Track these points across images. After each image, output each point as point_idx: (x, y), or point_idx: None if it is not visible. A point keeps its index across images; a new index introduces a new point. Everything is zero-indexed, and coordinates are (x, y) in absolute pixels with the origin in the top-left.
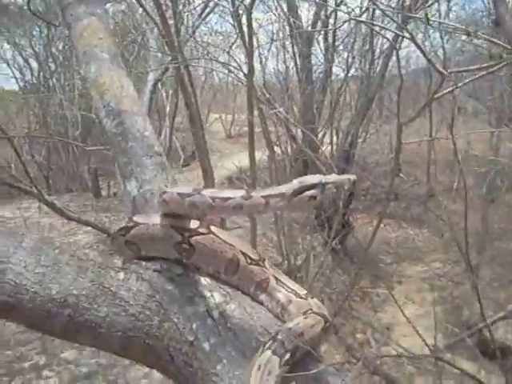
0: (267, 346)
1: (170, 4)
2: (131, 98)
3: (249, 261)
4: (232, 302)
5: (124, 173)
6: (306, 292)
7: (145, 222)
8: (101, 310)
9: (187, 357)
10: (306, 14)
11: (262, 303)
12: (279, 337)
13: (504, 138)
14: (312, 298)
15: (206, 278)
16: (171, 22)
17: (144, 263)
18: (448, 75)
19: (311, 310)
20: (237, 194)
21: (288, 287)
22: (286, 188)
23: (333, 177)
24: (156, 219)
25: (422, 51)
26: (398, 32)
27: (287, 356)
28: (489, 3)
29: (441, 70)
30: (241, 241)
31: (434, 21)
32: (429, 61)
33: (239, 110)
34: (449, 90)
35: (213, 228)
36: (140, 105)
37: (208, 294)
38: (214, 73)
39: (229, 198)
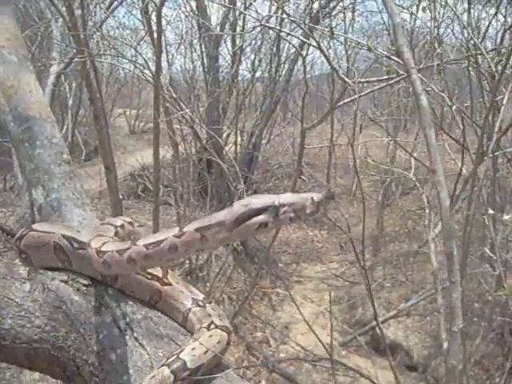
0: (168, 362)
1: None
2: (40, 103)
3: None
4: (138, 312)
5: (30, 180)
6: (203, 297)
7: (41, 230)
8: (5, 323)
9: (94, 367)
10: (216, 13)
11: (163, 312)
12: (181, 356)
13: (399, 146)
14: (210, 302)
15: (113, 288)
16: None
17: (50, 273)
18: (351, 84)
19: (213, 323)
20: (169, 232)
21: (186, 293)
22: (226, 215)
23: (289, 197)
24: (57, 228)
25: (328, 60)
26: (304, 39)
27: (185, 374)
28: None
29: (345, 78)
30: None
31: (339, 34)
32: (334, 69)
33: (144, 105)
34: (350, 99)
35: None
36: (49, 111)
37: (114, 304)
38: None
39: (162, 241)
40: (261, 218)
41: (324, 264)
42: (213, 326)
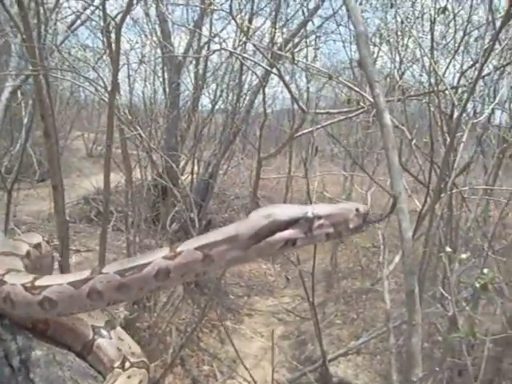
0: None
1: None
2: None
3: None
4: (38, 347)
5: None
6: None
7: None
8: None
9: None
10: (179, 41)
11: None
12: None
13: (355, 182)
14: (113, 328)
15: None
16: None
17: None
18: (308, 112)
19: (126, 359)
20: (156, 254)
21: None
22: (240, 229)
23: (327, 207)
24: None
25: (287, 87)
26: (266, 67)
27: None
28: (352, 55)
29: (302, 107)
30: None
31: (299, 61)
32: (293, 97)
33: (103, 129)
34: (307, 130)
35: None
36: None
37: (9, 337)
38: (81, 89)
39: (145, 265)
40: (288, 233)
41: (276, 298)
42: (128, 364)
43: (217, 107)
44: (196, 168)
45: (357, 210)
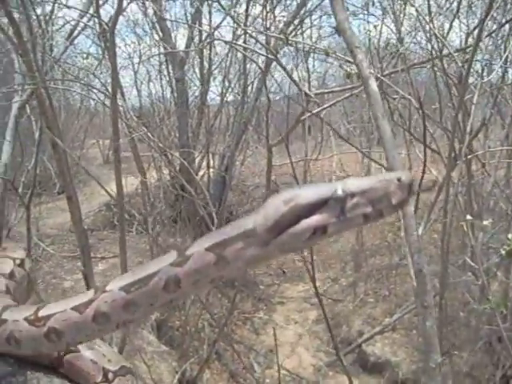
0: None
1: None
2: None
3: None
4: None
5: None
6: (118, 367)
7: None
8: None
9: None
10: (181, 37)
11: None
12: None
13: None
14: (123, 375)
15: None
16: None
17: None
18: (312, 96)
19: (110, 371)
20: (162, 262)
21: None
22: (257, 220)
23: (360, 182)
24: None
25: (286, 72)
26: (262, 53)
27: None
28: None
29: (306, 91)
30: None
31: (294, 40)
32: (294, 81)
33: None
34: (315, 111)
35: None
36: None
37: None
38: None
39: (151, 276)
40: (316, 219)
41: (306, 283)
42: (111, 375)
43: (226, 99)
44: (212, 162)
45: (398, 179)
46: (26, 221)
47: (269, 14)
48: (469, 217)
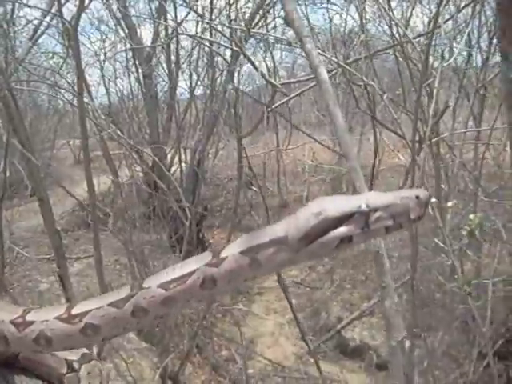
0: None
1: None
2: None
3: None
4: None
5: None
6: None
7: None
8: None
9: None
10: (148, 34)
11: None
12: None
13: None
14: (89, 362)
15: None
16: None
17: None
18: (279, 87)
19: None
20: (198, 261)
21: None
22: (289, 229)
23: (382, 197)
24: None
25: (252, 63)
26: (225, 45)
27: None
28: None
29: (272, 81)
30: None
31: (256, 32)
32: (261, 73)
33: (88, 134)
34: (282, 101)
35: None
36: None
37: None
38: (59, 97)
39: (188, 275)
40: (343, 230)
41: (283, 272)
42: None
43: (196, 93)
44: (183, 157)
45: (417, 197)
46: None
47: (233, 6)
48: (433, 199)
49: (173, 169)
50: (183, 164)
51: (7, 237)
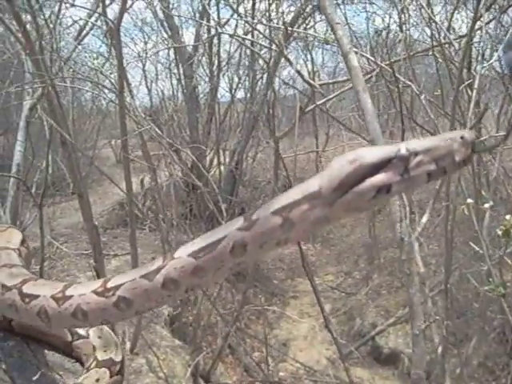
0: None
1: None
2: None
3: None
4: (11, 338)
5: None
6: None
7: None
8: None
9: None
10: (190, 36)
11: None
12: None
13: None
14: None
15: None
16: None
17: None
18: (317, 87)
19: (96, 359)
20: (229, 227)
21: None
22: (322, 181)
23: (424, 141)
24: None
25: (289, 61)
26: (265, 45)
27: None
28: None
29: (310, 81)
30: None
31: (295, 30)
32: (298, 72)
33: (129, 133)
34: (319, 102)
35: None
36: None
37: None
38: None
39: (218, 242)
40: (380, 178)
41: (319, 277)
42: (93, 365)
43: (236, 95)
44: (222, 158)
45: (462, 137)
46: (39, 220)
47: (275, 8)
48: (469, 200)
49: (212, 171)
50: (222, 166)
51: (47, 232)
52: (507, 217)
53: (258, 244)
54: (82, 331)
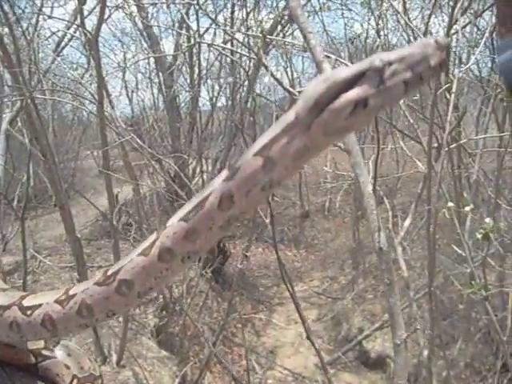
0: None
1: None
2: None
3: None
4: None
5: None
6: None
7: None
8: None
9: None
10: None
11: None
12: None
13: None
14: (55, 346)
15: None
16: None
17: None
18: (296, 94)
19: (77, 378)
20: (216, 181)
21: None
22: (298, 108)
23: (397, 51)
24: None
25: (268, 69)
26: (244, 53)
27: None
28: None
29: (289, 89)
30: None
31: (272, 38)
32: (276, 80)
33: (110, 144)
34: None
35: None
36: None
37: None
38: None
39: (205, 200)
40: (355, 92)
41: (305, 283)
42: (75, 382)
43: (218, 104)
44: (205, 167)
45: (436, 41)
46: (21, 233)
47: (253, 18)
48: (450, 204)
49: (195, 180)
50: (205, 174)
51: (30, 245)
52: (487, 220)
53: (243, 192)
54: (46, 352)
